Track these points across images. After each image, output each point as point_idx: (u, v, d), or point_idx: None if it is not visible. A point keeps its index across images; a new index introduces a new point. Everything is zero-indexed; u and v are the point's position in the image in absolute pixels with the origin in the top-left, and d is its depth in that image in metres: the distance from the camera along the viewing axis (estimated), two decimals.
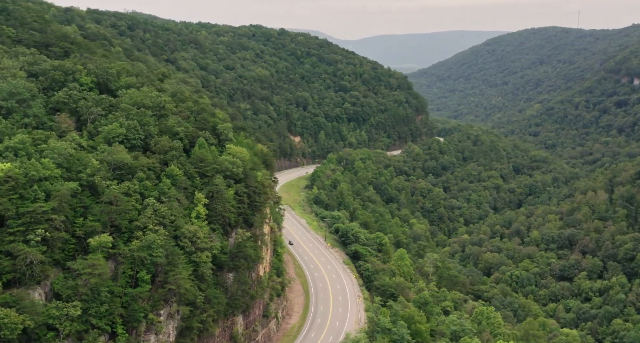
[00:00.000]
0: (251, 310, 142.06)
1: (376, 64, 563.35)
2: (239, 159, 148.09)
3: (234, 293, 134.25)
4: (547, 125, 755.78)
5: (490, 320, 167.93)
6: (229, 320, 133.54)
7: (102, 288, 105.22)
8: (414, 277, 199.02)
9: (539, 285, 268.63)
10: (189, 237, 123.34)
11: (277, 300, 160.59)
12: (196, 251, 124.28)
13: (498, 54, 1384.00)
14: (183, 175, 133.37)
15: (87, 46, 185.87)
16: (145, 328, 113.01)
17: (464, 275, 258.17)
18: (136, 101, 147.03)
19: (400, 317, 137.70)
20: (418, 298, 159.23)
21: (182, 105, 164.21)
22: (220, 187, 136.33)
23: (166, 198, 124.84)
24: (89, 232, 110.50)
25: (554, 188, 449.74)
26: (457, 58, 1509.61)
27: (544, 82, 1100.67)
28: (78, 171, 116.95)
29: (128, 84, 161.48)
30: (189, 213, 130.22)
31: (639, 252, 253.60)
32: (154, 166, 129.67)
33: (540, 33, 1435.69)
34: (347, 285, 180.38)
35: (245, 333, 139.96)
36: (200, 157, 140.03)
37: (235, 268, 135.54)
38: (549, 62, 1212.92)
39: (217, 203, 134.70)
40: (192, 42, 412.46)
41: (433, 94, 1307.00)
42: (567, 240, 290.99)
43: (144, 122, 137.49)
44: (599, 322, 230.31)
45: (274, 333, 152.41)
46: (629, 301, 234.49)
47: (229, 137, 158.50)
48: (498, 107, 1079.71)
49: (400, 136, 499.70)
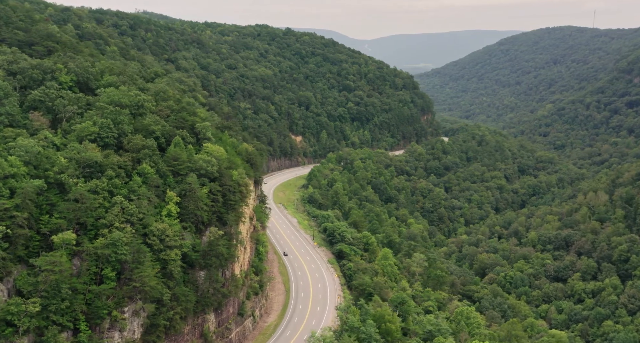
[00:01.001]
0: (224, 308, 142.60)
1: (382, 64, 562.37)
2: (214, 157, 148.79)
3: (204, 291, 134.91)
4: (557, 125, 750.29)
5: (470, 320, 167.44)
6: (199, 318, 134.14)
7: (63, 284, 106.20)
8: (398, 277, 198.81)
9: (532, 286, 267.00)
10: (158, 235, 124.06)
11: (254, 298, 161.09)
12: (165, 249, 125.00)
13: (512, 54, 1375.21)
14: (155, 174, 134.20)
15: (72, 45, 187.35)
16: (109, 325, 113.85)
17: (456, 275, 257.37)
18: (113, 100, 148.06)
19: (371, 316, 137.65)
20: (394, 297, 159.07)
21: (163, 104, 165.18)
22: (193, 185, 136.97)
23: (135, 196, 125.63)
24: (54, 229, 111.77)
25: (558, 189, 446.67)
26: (470, 58, 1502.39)
27: (557, 82, 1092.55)
28: (45, 169, 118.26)
29: (109, 82, 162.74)
30: (160, 211, 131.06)
31: (634, 254, 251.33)
32: (125, 164, 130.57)
33: (555, 32, 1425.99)
34: (328, 284, 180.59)
35: (218, 331, 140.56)
36: (174, 155, 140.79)
37: (207, 267, 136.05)
38: (563, 62, 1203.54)
39: (189, 202, 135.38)
40: (194, 42, 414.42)
41: (445, 93, 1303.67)
42: (564, 241, 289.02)
43: (118, 120, 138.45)
44: (590, 324, 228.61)
45: (249, 332, 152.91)
46: (621, 303, 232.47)
47: (207, 136, 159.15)
48: (510, 107, 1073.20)
49: (405, 136, 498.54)
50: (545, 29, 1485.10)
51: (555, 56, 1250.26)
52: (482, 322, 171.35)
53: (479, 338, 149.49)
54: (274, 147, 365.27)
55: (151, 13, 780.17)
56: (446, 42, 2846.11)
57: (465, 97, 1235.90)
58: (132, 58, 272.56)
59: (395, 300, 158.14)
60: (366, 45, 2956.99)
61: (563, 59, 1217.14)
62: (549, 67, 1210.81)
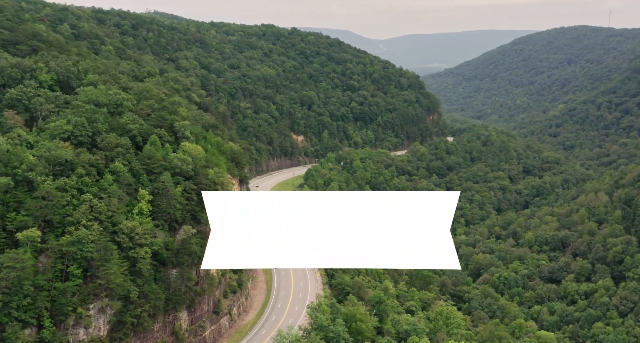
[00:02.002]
0: (197, 307, 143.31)
1: (387, 64, 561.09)
2: (190, 156, 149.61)
3: (176, 289, 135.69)
4: (568, 126, 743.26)
5: (449, 320, 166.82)
6: (170, 316, 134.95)
7: (25, 281, 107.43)
8: (382, 276, 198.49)
9: (526, 287, 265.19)
10: (127, 233, 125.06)
11: (232, 297, 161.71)
12: (134, 247, 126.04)
13: (525, 54, 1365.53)
14: (127, 172, 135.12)
15: (60, 44, 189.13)
16: (73, 321, 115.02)
17: (447, 276, 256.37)
18: (91, 98, 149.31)
19: (342, 315, 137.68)
20: (372, 297, 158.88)
21: (144, 103, 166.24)
22: (166, 183, 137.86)
23: (106, 194, 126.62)
24: (20, 227, 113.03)
25: (563, 190, 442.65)
26: (484, 57, 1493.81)
27: (571, 82, 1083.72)
28: (14, 166, 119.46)
29: (90, 81, 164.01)
30: (131, 209, 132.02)
31: (628, 255, 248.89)
32: (97, 162, 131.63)
33: (570, 32, 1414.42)
34: (310, 283, 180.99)
35: (191, 328, 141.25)
36: (148, 154, 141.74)
37: (179, 265, 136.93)
38: (577, 61, 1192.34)
39: (161, 200, 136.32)
40: (197, 41, 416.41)
41: (458, 93, 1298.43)
42: (560, 242, 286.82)
43: (93, 119, 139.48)
44: (581, 325, 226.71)
45: (226, 330, 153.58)
46: (613, 304, 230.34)
47: (186, 135, 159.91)
48: (523, 108, 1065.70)
49: (409, 136, 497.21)
50: (559, 29, 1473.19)
51: (570, 56, 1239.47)
52: (462, 323, 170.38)
53: (455, 338, 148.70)
54: (273, 146, 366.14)
55: (162, 13, 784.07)
56: (461, 42, 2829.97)
57: (478, 97, 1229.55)
58: (129, 57, 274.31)
59: (373, 300, 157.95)
60: (380, 44, 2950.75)
61: (577, 59, 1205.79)
62: (562, 67, 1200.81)
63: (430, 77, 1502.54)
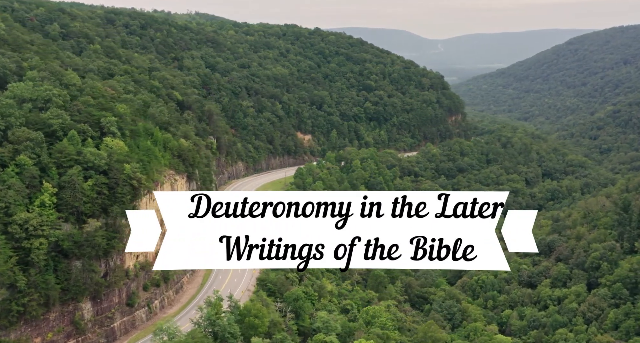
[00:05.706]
0: (104, 298, 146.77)
1: (410, 64, 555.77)
2: (109, 151, 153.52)
3: (77, 280, 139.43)
4: (609, 128, 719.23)
5: (375, 319, 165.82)
6: (70, 306, 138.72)
7: None
8: (321, 276, 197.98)
9: (502, 290, 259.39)
10: (20, 223, 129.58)
11: (155, 290, 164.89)
12: (29, 237, 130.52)
13: (580, 54, 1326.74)
14: (33, 165, 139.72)
15: (17, 43, 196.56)
16: None
17: (417, 277, 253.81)
18: (17, 94, 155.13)
19: (238, 310, 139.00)
20: (289, 294, 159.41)
21: (81, 99, 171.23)
22: (74, 177, 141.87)
23: (5, 186, 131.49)
24: None
25: (580, 195, 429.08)
26: (537, 58, 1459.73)
27: (624, 83, 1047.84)
28: None
29: (30, 77, 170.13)
30: (32, 201, 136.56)
31: (606, 261, 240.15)
32: (2, 155, 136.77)
33: (629, 31, 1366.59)
34: (244, 280, 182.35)
35: (97, 319, 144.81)
36: (60, 148, 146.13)
37: (82, 256, 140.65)
38: (633, 62, 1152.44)
39: (66, 193, 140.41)
40: (209, 41, 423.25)
41: (507, 94, 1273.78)
42: (547, 247, 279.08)
43: (8, 113, 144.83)
44: (546, 331, 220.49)
45: (141, 323, 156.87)
46: (580, 311, 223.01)
47: (112, 131, 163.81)
48: (571, 109, 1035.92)
49: (427, 137, 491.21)
50: (618, 28, 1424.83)
51: (626, 56, 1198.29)
52: (389, 323, 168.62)
53: (367, 337, 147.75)
54: (274, 145, 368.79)
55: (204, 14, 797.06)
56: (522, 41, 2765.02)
57: (527, 99, 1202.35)
58: (118, 56, 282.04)
59: (290, 297, 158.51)
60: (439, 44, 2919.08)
61: (634, 59, 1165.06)
62: (617, 68, 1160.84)
63: (481, 77, 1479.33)
